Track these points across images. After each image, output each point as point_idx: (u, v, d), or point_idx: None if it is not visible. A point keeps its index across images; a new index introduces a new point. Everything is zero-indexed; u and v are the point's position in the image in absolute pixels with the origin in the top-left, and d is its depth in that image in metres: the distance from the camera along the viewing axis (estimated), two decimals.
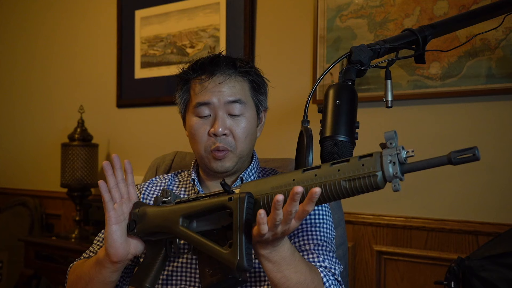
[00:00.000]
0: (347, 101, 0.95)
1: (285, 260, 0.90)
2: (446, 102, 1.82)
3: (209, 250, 0.88)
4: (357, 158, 0.80)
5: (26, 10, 3.27)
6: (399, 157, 0.76)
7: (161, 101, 2.58)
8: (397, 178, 0.77)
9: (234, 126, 1.14)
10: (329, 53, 2.03)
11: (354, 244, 1.98)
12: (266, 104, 1.25)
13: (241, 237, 0.84)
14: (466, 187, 1.77)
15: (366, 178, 0.78)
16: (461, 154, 0.73)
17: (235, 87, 1.15)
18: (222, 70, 1.15)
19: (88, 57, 2.94)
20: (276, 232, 0.83)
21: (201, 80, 1.15)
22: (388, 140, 0.77)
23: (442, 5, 1.80)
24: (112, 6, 2.80)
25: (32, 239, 2.65)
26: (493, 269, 1.34)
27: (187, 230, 0.93)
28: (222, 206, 0.88)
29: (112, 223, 1.00)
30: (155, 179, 1.30)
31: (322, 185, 0.81)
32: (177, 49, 2.53)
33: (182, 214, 0.94)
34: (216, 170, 1.15)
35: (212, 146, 1.13)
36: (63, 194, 2.80)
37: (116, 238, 1.00)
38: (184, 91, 1.20)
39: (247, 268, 0.83)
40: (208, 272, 0.93)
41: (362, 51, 0.99)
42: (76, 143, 2.60)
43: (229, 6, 2.34)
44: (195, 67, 1.17)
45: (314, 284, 0.94)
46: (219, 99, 1.13)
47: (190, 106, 1.18)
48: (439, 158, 0.76)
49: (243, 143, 1.15)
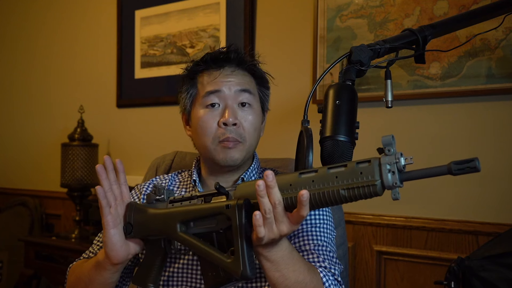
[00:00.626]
0: (347, 101, 0.95)
1: (284, 259, 0.90)
2: (446, 102, 1.81)
3: (211, 258, 0.88)
4: (354, 164, 0.79)
5: (26, 10, 3.27)
6: (398, 165, 0.75)
7: (161, 101, 2.58)
8: (396, 188, 0.76)
9: (243, 117, 1.14)
10: (329, 53, 2.03)
11: (354, 244, 1.98)
12: (268, 104, 1.26)
13: (242, 246, 0.84)
14: (466, 187, 1.77)
15: (366, 187, 0.77)
16: (461, 165, 0.73)
17: (244, 78, 1.17)
18: (231, 63, 1.17)
19: (88, 57, 2.94)
20: (273, 232, 0.84)
21: (210, 72, 1.16)
22: (386, 145, 0.76)
23: (442, 5, 1.80)
24: (112, 6, 2.80)
25: (32, 239, 2.65)
26: (493, 269, 1.34)
27: (186, 236, 0.93)
28: (219, 213, 0.88)
29: (110, 228, 1.00)
30: (155, 179, 1.30)
31: (321, 193, 0.81)
32: (177, 49, 2.53)
33: (179, 220, 0.94)
34: (224, 162, 1.13)
35: (221, 136, 1.12)
36: (63, 194, 2.79)
37: (116, 242, 1.00)
38: (191, 85, 1.20)
39: (251, 277, 0.84)
40: (211, 275, 0.93)
41: (362, 51, 0.99)
42: (76, 143, 2.60)
43: (229, 6, 2.34)
44: (205, 59, 1.18)
45: (313, 284, 0.94)
46: (229, 87, 1.14)
47: (198, 99, 1.17)
48: (439, 168, 0.75)
49: (252, 136, 1.16)
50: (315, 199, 0.81)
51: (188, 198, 0.98)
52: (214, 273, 0.93)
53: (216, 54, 1.17)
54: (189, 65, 1.22)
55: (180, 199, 1.00)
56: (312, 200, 0.82)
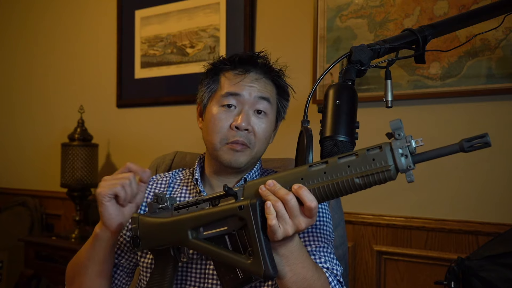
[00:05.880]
0: (347, 101, 0.95)
1: (293, 255, 0.90)
2: (446, 102, 1.82)
3: (229, 261, 0.88)
4: (365, 151, 0.80)
5: (26, 10, 3.27)
6: (410, 148, 0.77)
7: (161, 101, 2.58)
8: (410, 170, 0.77)
9: (257, 124, 1.14)
10: (329, 53, 2.03)
11: (354, 244, 1.98)
12: (284, 114, 1.27)
13: (261, 245, 0.84)
14: (466, 187, 1.77)
15: (380, 173, 0.78)
16: (472, 141, 0.73)
17: (267, 86, 1.18)
18: (257, 70, 1.17)
19: (88, 57, 2.94)
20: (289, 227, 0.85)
21: (236, 72, 1.16)
22: (395, 130, 0.77)
23: (442, 5, 1.80)
24: (112, 6, 2.80)
25: (32, 239, 2.65)
26: (493, 269, 1.34)
27: (200, 242, 0.91)
28: (232, 215, 0.87)
29: (106, 201, 1.00)
30: (156, 177, 1.30)
31: (335, 183, 0.81)
32: (177, 49, 2.53)
33: (190, 227, 0.92)
34: (229, 164, 1.13)
35: (231, 138, 1.12)
36: (63, 194, 2.79)
37: (111, 212, 1.01)
38: (213, 81, 1.20)
39: (273, 276, 0.84)
40: (229, 278, 0.92)
41: (362, 51, 0.99)
42: (76, 143, 2.60)
43: (229, 6, 2.34)
44: (232, 60, 1.18)
45: (320, 282, 0.94)
46: (250, 93, 1.14)
47: (217, 95, 1.17)
48: (450, 147, 0.77)
49: (262, 143, 1.16)
50: (329, 190, 0.82)
51: (194, 203, 0.97)
52: (232, 275, 0.92)
53: (244, 57, 1.18)
54: (216, 60, 1.22)
55: (186, 205, 0.98)
56: (327, 191, 0.83)
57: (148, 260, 1.15)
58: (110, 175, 1.03)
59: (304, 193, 0.83)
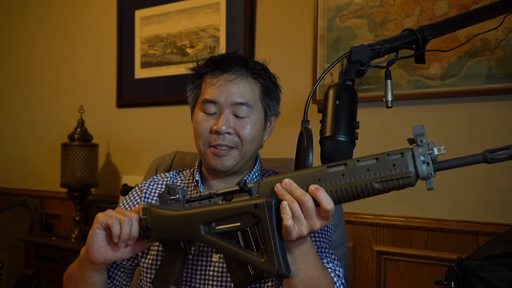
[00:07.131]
0: (347, 101, 0.95)
1: (304, 253, 0.90)
2: (446, 102, 1.81)
3: (241, 258, 0.87)
4: (385, 156, 0.79)
5: (26, 10, 3.27)
6: (432, 156, 0.76)
7: (161, 101, 2.58)
8: (431, 178, 0.76)
9: (239, 126, 1.13)
10: (329, 53, 2.03)
11: (354, 244, 1.98)
12: (277, 110, 1.24)
13: (275, 244, 0.83)
14: (466, 187, 1.77)
15: (400, 179, 0.78)
16: (496, 152, 0.73)
17: (245, 88, 1.14)
18: (234, 69, 1.14)
19: (88, 57, 2.94)
20: (304, 228, 0.84)
21: (213, 75, 1.15)
22: (417, 136, 0.77)
23: (442, 5, 1.80)
24: (112, 6, 2.80)
25: (32, 239, 2.65)
26: (493, 269, 1.34)
27: (212, 237, 0.91)
28: (247, 212, 0.87)
29: (97, 227, 0.99)
30: (156, 177, 1.29)
31: (353, 186, 0.81)
32: (177, 49, 2.53)
33: (203, 222, 0.91)
34: (215, 167, 1.14)
35: (213, 142, 1.12)
36: (63, 194, 2.79)
37: (96, 241, 0.99)
38: (195, 85, 1.19)
39: (286, 275, 0.84)
40: (240, 274, 0.92)
41: (362, 51, 0.99)
42: (76, 143, 2.60)
43: (229, 6, 2.34)
44: (209, 62, 1.17)
45: (327, 282, 0.94)
46: (226, 98, 1.12)
47: (199, 101, 1.17)
48: (473, 157, 0.77)
49: (249, 144, 1.14)
50: (347, 193, 0.82)
51: (207, 196, 0.96)
52: (243, 271, 0.91)
53: (219, 58, 1.16)
54: (200, 62, 1.20)
55: (198, 198, 0.97)
56: (345, 194, 0.82)
57: (149, 260, 1.15)
58: (123, 208, 1.02)
59: (322, 195, 0.82)
